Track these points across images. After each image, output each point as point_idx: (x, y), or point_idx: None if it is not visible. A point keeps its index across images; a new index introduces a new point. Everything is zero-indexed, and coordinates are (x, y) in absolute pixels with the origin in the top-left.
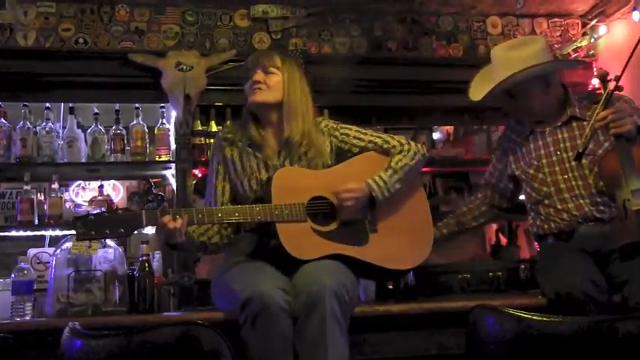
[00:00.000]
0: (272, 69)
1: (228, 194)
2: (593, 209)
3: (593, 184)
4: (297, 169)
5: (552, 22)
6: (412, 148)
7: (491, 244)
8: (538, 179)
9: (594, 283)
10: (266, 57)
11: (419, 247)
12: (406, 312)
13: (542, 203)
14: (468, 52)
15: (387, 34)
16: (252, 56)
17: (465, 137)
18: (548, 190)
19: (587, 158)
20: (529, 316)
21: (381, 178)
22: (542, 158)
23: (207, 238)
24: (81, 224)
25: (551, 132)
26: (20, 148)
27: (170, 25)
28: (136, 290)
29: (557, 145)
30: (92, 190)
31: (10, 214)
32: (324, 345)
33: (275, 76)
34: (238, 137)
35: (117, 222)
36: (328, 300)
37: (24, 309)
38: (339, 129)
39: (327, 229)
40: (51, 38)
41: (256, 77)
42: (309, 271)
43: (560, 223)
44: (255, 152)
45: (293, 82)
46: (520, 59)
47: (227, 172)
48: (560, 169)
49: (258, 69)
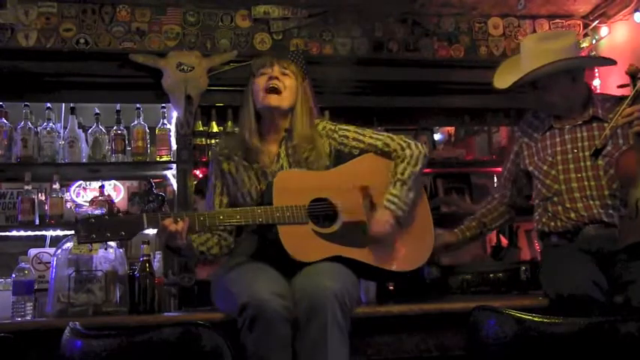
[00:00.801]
0: (287, 71)
1: (228, 207)
2: (602, 212)
3: (606, 186)
4: (298, 172)
5: (554, 23)
6: (413, 152)
7: (491, 245)
8: (550, 176)
9: (596, 284)
10: (280, 57)
11: (420, 248)
12: (407, 313)
13: (550, 200)
14: (469, 53)
15: (388, 34)
16: (268, 56)
17: (465, 138)
18: (559, 188)
19: (604, 160)
20: (529, 317)
21: (394, 196)
22: (558, 155)
23: (207, 249)
24: (82, 227)
25: (570, 130)
26: (21, 148)
27: (171, 25)
28: (136, 290)
29: (574, 144)
30: (93, 191)
31: (11, 214)
32: (325, 349)
33: (290, 79)
34: (234, 151)
35: (118, 225)
36: (330, 305)
37: (25, 309)
38: (338, 131)
39: (328, 231)
40: (52, 38)
41: (274, 72)
42: (311, 273)
43: (567, 222)
44: (252, 164)
45: (302, 89)
46: (551, 51)
47: (225, 185)
48: (575, 168)
49: (275, 65)
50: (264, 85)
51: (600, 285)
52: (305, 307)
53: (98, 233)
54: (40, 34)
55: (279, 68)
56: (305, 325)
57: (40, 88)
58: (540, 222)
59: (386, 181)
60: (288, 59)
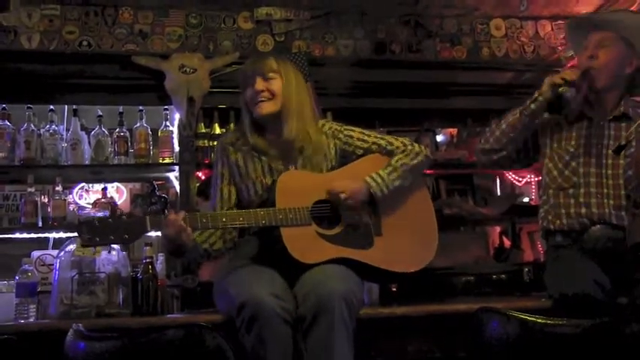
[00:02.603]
0: (271, 74)
1: (234, 197)
2: (614, 213)
3: (622, 186)
4: (301, 173)
5: (556, 24)
6: (415, 149)
7: (494, 246)
8: (570, 167)
9: (600, 285)
10: (261, 63)
11: (424, 249)
12: (410, 314)
13: (565, 190)
14: (472, 55)
15: (390, 36)
16: (248, 65)
17: (468, 140)
18: (577, 180)
19: (625, 160)
20: (533, 318)
21: (378, 175)
22: (581, 147)
23: (210, 245)
24: (86, 230)
25: (598, 124)
26: (24, 151)
27: (174, 27)
28: (139, 292)
29: (600, 139)
30: (96, 193)
31: (13, 216)
32: (332, 347)
33: (276, 81)
34: (242, 142)
35: (121, 228)
36: (338, 305)
37: (28, 311)
38: (343, 131)
39: (331, 232)
40: (55, 41)
41: (257, 86)
42: (318, 274)
43: (574, 219)
44: (260, 156)
45: (289, 83)
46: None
47: (232, 175)
48: (596, 163)
49: (257, 77)
50: (253, 98)
51: (604, 286)
52: (311, 305)
53: (101, 236)
54: (42, 36)
55: (261, 80)
56: (311, 322)
57: (43, 91)
58: (546, 219)
59: None
60: (270, 56)
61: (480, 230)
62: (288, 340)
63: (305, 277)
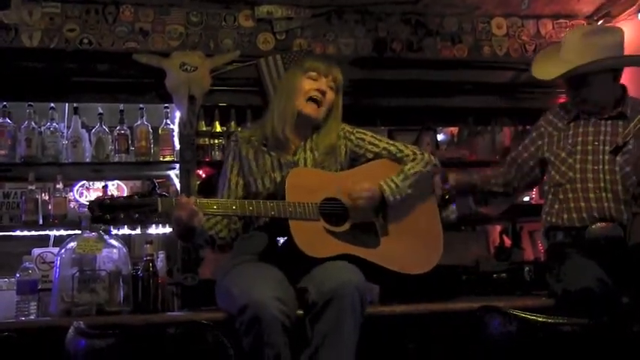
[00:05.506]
0: (332, 84)
1: (242, 190)
2: (613, 206)
3: (620, 182)
4: (311, 170)
5: (557, 23)
6: (425, 158)
7: (495, 245)
8: (567, 163)
9: (603, 283)
10: (335, 71)
11: (430, 251)
12: (411, 313)
13: (563, 187)
14: (473, 53)
15: (391, 35)
16: (319, 61)
17: (469, 139)
18: (574, 176)
19: (623, 157)
20: (534, 317)
21: (393, 181)
22: (578, 145)
23: (216, 233)
24: (97, 207)
25: (595, 122)
26: (25, 148)
27: (174, 25)
28: (140, 290)
29: (597, 136)
30: (96, 191)
31: (14, 214)
32: (342, 329)
33: (331, 93)
34: (255, 137)
35: (132, 207)
36: (351, 293)
37: (28, 308)
38: (355, 133)
39: (339, 229)
40: (56, 38)
41: (322, 86)
42: (332, 266)
43: (575, 214)
44: (270, 151)
45: (337, 107)
46: (599, 47)
47: (241, 168)
48: (593, 159)
49: (324, 78)
50: (309, 92)
51: (607, 284)
52: (326, 291)
53: (112, 214)
54: (43, 34)
55: (327, 82)
56: (323, 307)
57: (44, 88)
58: (549, 214)
59: None
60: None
61: (480, 229)
62: (285, 348)
63: (318, 269)
